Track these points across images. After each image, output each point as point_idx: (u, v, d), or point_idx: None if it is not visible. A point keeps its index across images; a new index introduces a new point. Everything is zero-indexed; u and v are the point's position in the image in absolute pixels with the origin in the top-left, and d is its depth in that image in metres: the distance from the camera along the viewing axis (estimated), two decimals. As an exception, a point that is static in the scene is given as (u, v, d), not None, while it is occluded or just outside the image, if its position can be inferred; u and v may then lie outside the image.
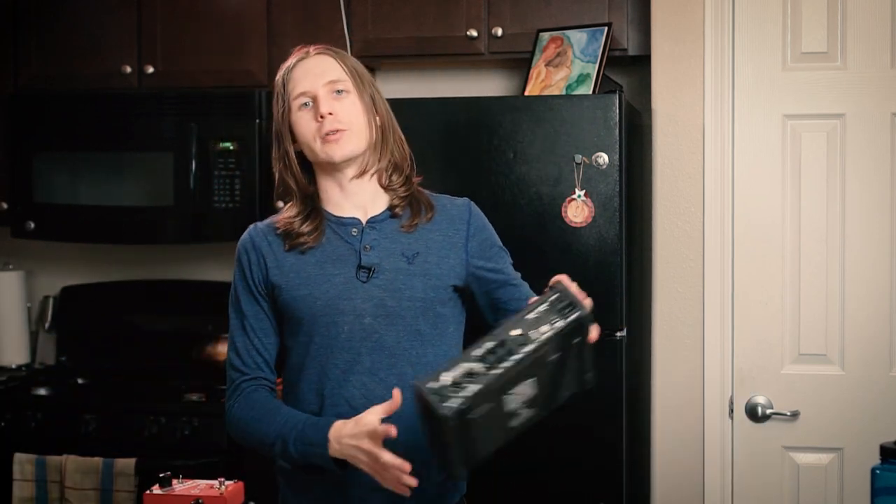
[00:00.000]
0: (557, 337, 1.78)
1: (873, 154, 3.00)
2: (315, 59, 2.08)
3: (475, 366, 1.73)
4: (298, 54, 2.11)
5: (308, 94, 2.04)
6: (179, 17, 3.60)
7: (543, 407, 1.82)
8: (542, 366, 1.78)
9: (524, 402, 1.78)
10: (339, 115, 2.03)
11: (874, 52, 2.99)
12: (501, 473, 3.00)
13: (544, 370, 1.78)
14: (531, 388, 1.78)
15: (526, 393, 1.77)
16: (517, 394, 1.77)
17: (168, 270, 3.97)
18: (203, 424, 3.29)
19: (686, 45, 3.08)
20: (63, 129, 3.61)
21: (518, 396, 1.77)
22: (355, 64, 2.11)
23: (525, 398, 1.78)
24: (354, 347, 2.03)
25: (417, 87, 3.72)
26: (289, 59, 2.12)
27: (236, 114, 3.48)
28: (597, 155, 2.91)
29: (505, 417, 1.77)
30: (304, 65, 2.08)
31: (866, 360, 3.01)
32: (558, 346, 1.78)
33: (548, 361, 1.78)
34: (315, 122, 2.03)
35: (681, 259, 3.09)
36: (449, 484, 2.11)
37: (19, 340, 3.94)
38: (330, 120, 2.02)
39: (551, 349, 1.77)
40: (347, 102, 2.05)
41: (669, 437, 3.11)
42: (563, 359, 1.80)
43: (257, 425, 2.04)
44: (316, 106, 2.03)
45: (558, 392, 1.84)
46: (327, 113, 2.02)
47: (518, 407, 1.78)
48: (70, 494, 3.25)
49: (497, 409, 1.75)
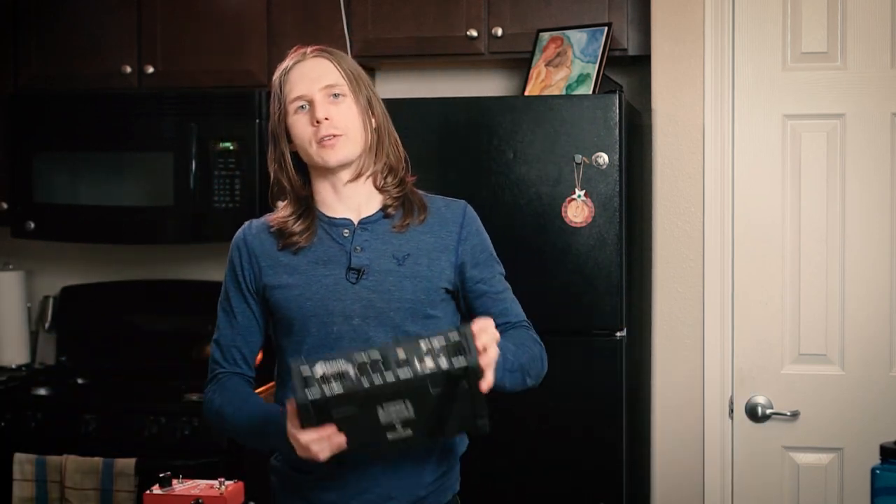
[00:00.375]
0: (440, 375, 1.80)
1: (873, 154, 3.00)
2: (312, 62, 2.07)
3: (349, 369, 1.78)
4: (295, 56, 2.10)
5: (304, 97, 2.04)
6: (179, 17, 3.60)
7: (424, 432, 1.86)
8: (422, 395, 1.81)
9: (400, 420, 1.83)
10: (335, 120, 2.02)
11: (874, 52, 2.99)
12: (501, 473, 3.01)
13: (423, 400, 1.82)
14: (406, 410, 1.82)
15: (401, 412, 1.82)
16: (390, 410, 1.82)
17: (168, 270, 3.97)
18: (203, 424, 3.29)
19: (686, 45, 3.08)
20: (63, 129, 3.61)
21: (392, 413, 1.82)
22: (352, 66, 2.10)
23: (401, 417, 1.82)
24: (344, 348, 2.03)
25: (417, 87, 3.72)
26: (285, 60, 2.11)
27: (236, 114, 3.48)
28: (597, 155, 2.91)
29: (380, 428, 1.83)
30: (301, 67, 2.07)
31: (866, 360, 3.01)
32: (440, 382, 1.80)
33: (428, 393, 1.81)
34: (311, 126, 2.03)
35: (681, 259, 3.09)
36: (441, 482, 2.12)
37: (19, 340, 3.94)
38: (326, 125, 2.01)
39: (430, 383, 1.80)
40: (344, 107, 2.04)
41: (669, 437, 3.11)
42: (446, 396, 1.82)
43: (229, 409, 2.06)
44: (312, 110, 2.03)
45: (444, 425, 1.86)
46: (323, 118, 2.01)
47: (394, 421, 1.83)
48: (70, 494, 3.25)
49: (367, 417, 1.81)
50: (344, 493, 2.05)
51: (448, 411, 1.84)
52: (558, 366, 2.95)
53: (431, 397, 1.81)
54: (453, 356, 1.80)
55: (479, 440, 2.90)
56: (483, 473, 2.99)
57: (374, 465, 2.03)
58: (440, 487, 2.12)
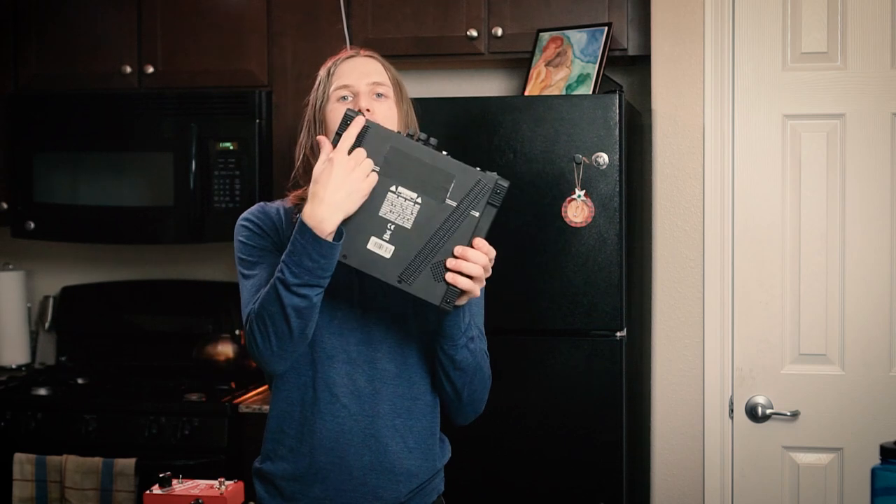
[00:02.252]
0: (472, 175, 1.88)
1: (873, 154, 3.00)
2: (363, 60, 2.14)
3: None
4: (349, 52, 2.16)
5: (350, 88, 2.08)
6: (179, 17, 3.60)
7: (398, 266, 1.87)
8: (436, 197, 1.87)
9: (395, 225, 1.87)
10: (376, 114, 2.06)
11: (874, 52, 2.99)
12: (502, 473, 3.01)
13: (433, 208, 1.87)
14: (410, 210, 1.88)
15: (403, 212, 1.88)
16: (397, 203, 1.87)
17: (168, 270, 3.97)
18: (203, 424, 3.29)
19: (686, 45, 3.08)
20: (63, 129, 3.61)
21: (397, 206, 1.88)
22: (398, 77, 2.17)
23: (399, 218, 1.87)
24: (344, 334, 2.05)
25: (417, 87, 3.72)
26: (339, 54, 2.16)
27: (236, 114, 3.48)
28: (597, 155, 2.91)
29: (372, 225, 1.87)
30: (353, 62, 2.12)
31: (866, 360, 3.01)
32: (466, 192, 1.87)
33: (442, 202, 1.87)
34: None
35: (681, 259, 3.09)
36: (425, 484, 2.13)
37: (19, 340, 3.94)
38: (366, 115, 2.03)
39: (458, 185, 1.87)
40: (385, 106, 2.09)
41: (669, 437, 3.11)
42: (449, 224, 1.87)
43: (265, 302, 1.94)
44: (356, 100, 2.07)
45: (417, 271, 1.88)
46: (365, 109, 2.05)
47: (388, 220, 1.87)
48: (70, 494, 3.25)
49: (373, 198, 1.87)
50: (327, 493, 2.07)
51: (434, 251, 1.87)
52: (558, 366, 2.97)
53: (442, 209, 1.87)
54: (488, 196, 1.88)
55: (479, 440, 2.91)
56: (483, 473, 3.00)
57: (359, 464, 2.05)
58: (425, 489, 2.13)
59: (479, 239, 1.90)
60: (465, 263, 1.88)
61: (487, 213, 1.89)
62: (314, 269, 1.88)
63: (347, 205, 1.87)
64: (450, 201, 1.88)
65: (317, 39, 3.46)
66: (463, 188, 1.89)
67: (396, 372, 2.07)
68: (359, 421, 2.05)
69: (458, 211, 1.88)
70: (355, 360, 2.06)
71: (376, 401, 2.06)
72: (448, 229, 1.88)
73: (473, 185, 1.89)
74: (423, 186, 1.88)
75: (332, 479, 2.06)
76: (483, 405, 2.16)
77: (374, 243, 1.89)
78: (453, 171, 1.89)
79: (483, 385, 2.13)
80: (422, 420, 2.11)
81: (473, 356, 2.06)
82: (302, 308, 1.90)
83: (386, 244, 1.89)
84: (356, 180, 1.87)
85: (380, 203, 1.88)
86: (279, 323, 1.92)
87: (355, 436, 2.05)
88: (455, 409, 2.14)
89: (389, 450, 2.07)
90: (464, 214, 1.89)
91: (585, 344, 2.94)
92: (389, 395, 2.07)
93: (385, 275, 1.89)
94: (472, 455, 2.26)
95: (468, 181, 1.89)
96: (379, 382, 2.06)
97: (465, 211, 1.88)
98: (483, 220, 1.89)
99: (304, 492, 2.08)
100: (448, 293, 1.88)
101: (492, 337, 2.17)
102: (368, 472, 2.06)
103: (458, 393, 2.09)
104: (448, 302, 1.89)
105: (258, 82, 3.53)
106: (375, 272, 1.89)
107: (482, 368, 2.10)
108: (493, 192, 1.88)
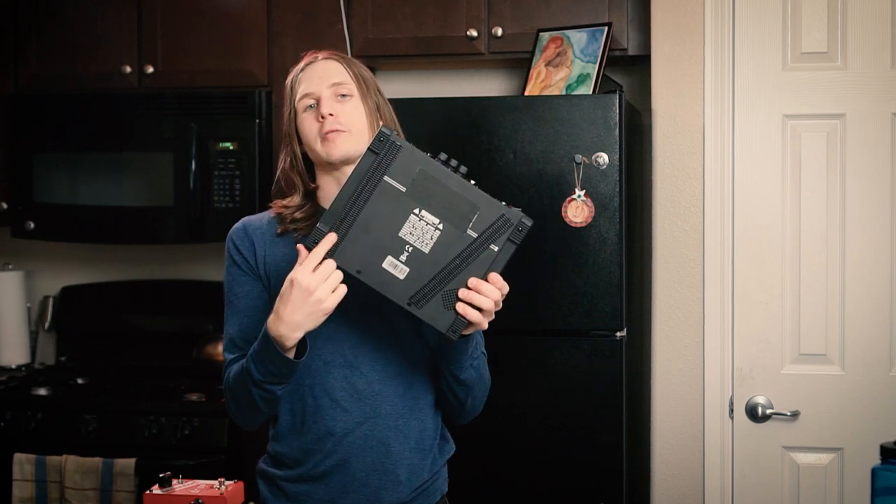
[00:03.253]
0: (497, 209, 1.88)
1: (873, 154, 3.00)
2: (322, 64, 2.13)
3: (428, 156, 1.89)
4: (308, 59, 2.16)
5: (312, 95, 2.08)
6: (179, 17, 3.60)
7: (412, 288, 1.88)
8: (458, 227, 1.87)
9: (413, 247, 1.87)
10: (340, 116, 2.06)
11: (874, 52, 2.99)
12: (502, 473, 3.01)
13: (453, 237, 1.87)
14: (430, 235, 1.88)
15: (423, 235, 1.88)
16: (419, 226, 1.87)
17: (168, 270, 3.97)
18: (203, 424, 3.30)
19: (686, 45, 3.08)
20: (63, 129, 3.61)
21: (418, 229, 1.87)
22: (361, 70, 2.15)
23: (418, 241, 1.87)
24: (338, 339, 2.05)
25: (417, 87, 3.72)
26: (299, 63, 2.16)
27: (236, 114, 3.48)
28: (597, 155, 2.91)
29: (390, 244, 1.87)
30: (312, 69, 2.12)
31: (866, 360, 3.01)
32: (488, 225, 1.87)
33: (464, 232, 1.87)
34: (317, 122, 2.07)
35: (681, 259, 3.09)
36: (428, 484, 2.13)
37: (19, 340, 3.94)
38: (330, 121, 2.06)
39: (477, 221, 1.87)
40: (350, 106, 2.09)
41: (669, 437, 3.11)
42: (468, 255, 1.87)
43: (235, 383, 2.04)
44: (319, 107, 2.07)
45: (430, 296, 1.88)
46: (328, 114, 2.06)
47: (407, 242, 1.87)
48: (70, 494, 3.25)
49: (394, 216, 1.87)
50: (331, 494, 2.07)
51: (448, 279, 1.88)
52: (558, 366, 2.97)
53: (462, 238, 1.87)
54: (511, 232, 1.88)
55: (480, 440, 2.91)
56: (483, 473, 3.00)
57: (362, 466, 2.06)
58: (428, 489, 2.13)
59: (495, 274, 1.89)
60: (477, 296, 1.88)
61: (506, 249, 1.89)
62: (276, 373, 1.96)
63: (308, 324, 1.90)
64: (471, 232, 1.88)
65: (317, 39, 3.46)
66: (486, 221, 1.88)
67: (395, 373, 2.07)
68: (360, 423, 2.06)
69: (478, 242, 1.88)
70: (352, 364, 2.06)
71: (377, 402, 2.06)
72: (465, 259, 1.88)
73: (496, 220, 1.88)
74: (447, 213, 1.88)
75: (335, 481, 2.06)
76: (482, 405, 2.17)
77: (389, 263, 1.88)
78: (479, 202, 1.88)
79: (484, 390, 2.14)
80: (423, 420, 2.11)
81: (478, 371, 2.07)
82: (268, 398, 2.01)
83: (401, 265, 1.88)
84: (315, 302, 1.87)
85: (401, 224, 1.88)
86: (250, 404, 2.03)
87: (357, 438, 2.05)
88: (457, 413, 2.15)
89: (392, 450, 2.07)
90: (483, 247, 1.88)
91: (585, 344, 2.94)
92: (389, 396, 2.07)
93: (397, 296, 1.89)
94: (472, 455, 2.26)
95: (492, 214, 1.88)
96: (378, 384, 2.06)
97: (484, 243, 1.88)
98: (501, 256, 1.88)
99: (309, 493, 2.08)
100: (456, 322, 1.89)
101: (492, 337, 2.17)
102: (371, 473, 2.06)
103: (462, 402, 2.11)
104: (454, 331, 1.89)
105: (258, 82, 3.53)
106: (387, 292, 1.90)
107: (483, 377, 2.12)
108: (516, 230, 1.88)
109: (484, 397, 2.15)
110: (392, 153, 1.88)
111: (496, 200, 1.90)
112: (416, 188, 1.88)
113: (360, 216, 1.88)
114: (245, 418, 2.09)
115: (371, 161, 1.89)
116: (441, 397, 2.12)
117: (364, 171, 1.89)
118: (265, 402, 2.02)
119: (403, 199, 1.88)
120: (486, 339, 2.17)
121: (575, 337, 2.95)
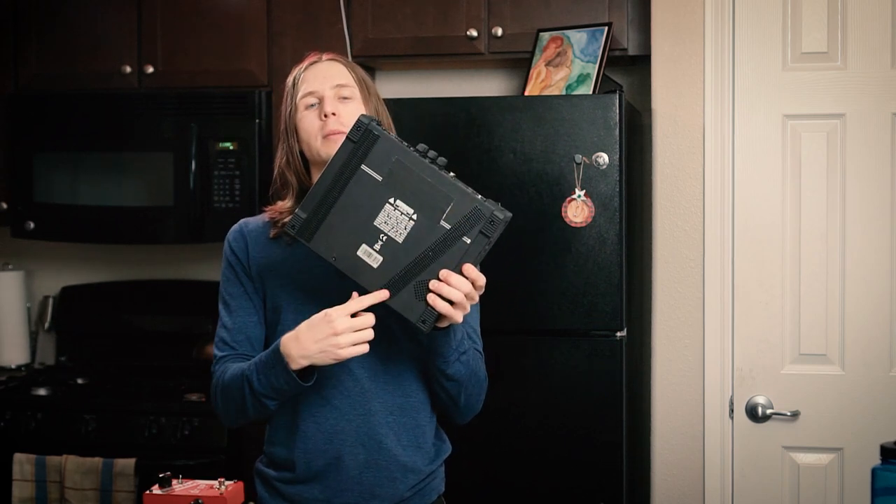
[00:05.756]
0: (470, 202, 1.88)
1: (873, 154, 3.00)
2: (326, 64, 2.15)
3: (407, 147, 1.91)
4: (312, 58, 2.17)
5: (315, 94, 2.10)
6: (179, 17, 3.60)
7: (387, 277, 1.89)
8: (432, 216, 1.88)
9: (387, 236, 1.89)
10: (342, 117, 2.08)
11: (874, 52, 2.99)
12: (502, 473, 3.01)
13: (427, 225, 1.88)
14: (404, 224, 1.89)
15: (397, 224, 1.89)
16: (393, 215, 1.89)
17: (168, 270, 3.97)
18: (203, 424, 3.29)
19: (686, 45, 3.08)
20: (63, 129, 3.61)
21: (392, 217, 1.89)
22: (364, 76, 2.18)
23: (392, 230, 1.88)
24: None
25: (417, 87, 3.72)
26: (302, 62, 2.18)
27: (236, 114, 3.48)
28: (597, 155, 2.91)
29: (364, 231, 1.89)
30: (316, 68, 2.14)
31: (866, 360, 3.01)
32: (461, 217, 1.87)
33: (438, 223, 1.87)
34: (318, 120, 2.09)
35: (681, 259, 3.09)
36: (425, 483, 2.14)
37: (19, 340, 3.94)
38: (333, 120, 2.08)
39: (452, 210, 1.87)
40: (351, 108, 2.11)
41: (669, 437, 3.11)
42: (441, 246, 1.88)
43: (231, 382, 2.06)
44: (321, 106, 2.09)
45: (403, 285, 1.89)
46: (331, 113, 2.08)
47: (382, 231, 1.89)
48: (70, 494, 3.25)
49: (371, 203, 1.89)
50: (326, 494, 2.08)
51: (420, 269, 1.88)
52: (558, 366, 2.97)
53: (435, 229, 1.87)
54: (485, 224, 1.88)
55: (479, 440, 2.91)
56: (483, 473, 3.00)
57: (354, 463, 2.06)
58: (424, 488, 2.14)
59: (469, 265, 1.89)
60: (446, 287, 1.88)
61: (478, 242, 1.88)
62: (279, 389, 1.98)
63: (317, 357, 1.92)
64: (444, 223, 1.89)
65: (317, 39, 3.46)
66: (459, 213, 1.88)
67: (383, 370, 2.08)
68: (351, 420, 2.06)
69: (450, 234, 1.88)
70: (341, 362, 2.06)
71: (367, 399, 2.07)
72: (437, 250, 1.89)
73: (470, 212, 1.88)
74: (421, 204, 1.89)
75: (329, 480, 2.07)
76: (480, 405, 2.16)
77: (363, 251, 1.90)
78: (453, 194, 1.89)
79: (479, 388, 2.13)
80: (416, 416, 2.11)
81: (467, 366, 2.06)
82: (260, 410, 2.03)
83: (375, 254, 1.90)
84: (334, 344, 1.90)
85: (377, 213, 1.89)
86: (240, 408, 2.05)
87: (349, 435, 2.06)
88: (453, 412, 2.15)
89: (384, 447, 2.07)
90: (455, 239, 1.89)
91: (585, 344, 2.94)
92: (380, 393, 2.07)
93: (369, 283, 1.91)
94: (472, 455, 2.26)
95: (465, 207, 1.88)
96: (368, 381, 2.07)
97: (457, 235, 1.88)
98: (473, 248, 1.88)
99: (304, 493, 2.09)
100: (426, 313, 1.89)
101: (492, 337, 2.18)
102: (364, 469, 2.06)
103: (455, 399, 2.10)
104: (424, 322, 1.89)
105: (258, 82, 3.53)
106: (361, 279, 1.91)
107: (476, 373, 2.11)
108: (488, 222, 1.88)
109: (480, 395, 2.14)
110: (370, 142, 1.90)
111: (472, 193, 1.90)
112: (392, 178, 1.89)
113: (338, 203, 1.90)
114: (230, 418, 2.11)
115: (349, 149, 1.91)
116: (434, 395, 2.12)
117: (342, 158, 1.91)
118: (256, 412, 2.04)
119: (379, 188, 1.89)
120: (486, 338, 2.17)
121: (575, 337, 2.95)
